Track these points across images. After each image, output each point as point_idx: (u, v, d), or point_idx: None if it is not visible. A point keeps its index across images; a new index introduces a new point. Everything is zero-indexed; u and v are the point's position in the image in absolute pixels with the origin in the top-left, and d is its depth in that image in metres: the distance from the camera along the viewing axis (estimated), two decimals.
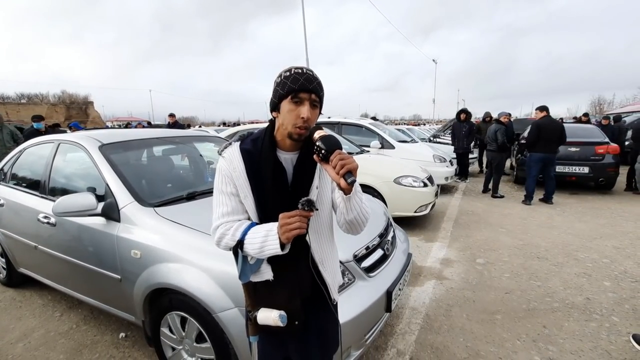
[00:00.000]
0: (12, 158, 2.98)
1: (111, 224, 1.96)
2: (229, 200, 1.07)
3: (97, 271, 2.04)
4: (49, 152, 2.60)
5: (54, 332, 2.41)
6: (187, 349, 1.77)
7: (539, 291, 2.87)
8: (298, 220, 0.94)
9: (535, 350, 2.12)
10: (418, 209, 4.49)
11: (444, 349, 2.16)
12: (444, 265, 3.45)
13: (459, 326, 2.39)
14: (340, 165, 0.88)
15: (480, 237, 4.23)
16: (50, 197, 2.43)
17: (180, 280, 1.64)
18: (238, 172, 1.05)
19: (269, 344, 1.14)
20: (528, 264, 3.43)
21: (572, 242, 4.00)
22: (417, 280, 3.10)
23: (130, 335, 2.34)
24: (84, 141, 2.35)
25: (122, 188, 2.01)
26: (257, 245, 0.99)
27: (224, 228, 1.05)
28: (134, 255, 1.82)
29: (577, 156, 6.52)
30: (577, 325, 2.38)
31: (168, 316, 1.79)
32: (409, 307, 2.64)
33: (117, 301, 2.06)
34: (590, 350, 2.10)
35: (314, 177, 1.06)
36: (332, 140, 0.93)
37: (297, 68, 0.99)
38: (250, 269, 1.07)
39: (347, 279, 1.73)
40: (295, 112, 0.98)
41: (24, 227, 2.54)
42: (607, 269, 3.23)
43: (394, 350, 2.15)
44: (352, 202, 0.99)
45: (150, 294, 1.80)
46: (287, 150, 1.06)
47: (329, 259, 1.15)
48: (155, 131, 3.00)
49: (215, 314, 1.54)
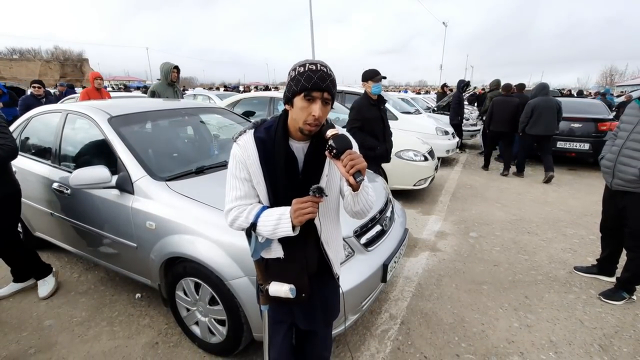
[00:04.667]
0: (20, 125, 3.03)
1: (125, 195, 2.07)
2: (242, 185, 1.16)
3: (114, 239, 2.18)
4: (58, 122, 2.65)
5: (74, 292, 2.61)
6: (200, 310, 1.96)
7: (526, 264, 3.06)
8: (310, 206, 1.04)
9: (515, 318, 2.33)
10: (417, 183, 4.61)
11: (433, 314, 2.37)
12: (438, 237, 3.63)
13: (447, 295, 2.60)
14: (350, 165, 0.95)
15: (476, 211, 4.39)
16: (62, 167, 2.52)
17: (194, 251, 1.78)
18: (252, 160, 1.12)
19: (276, 312, 1.29)
20: (518, 238, 3.61)
21: (563, 219, 4.16)
22: (412, 251, 3.29)
23: (145, 296, 2.54)
24: (92, 113, 2.40)
25: (134, 162, 2.09)
26: (270, 227, 1.09)
27: (238, 211, 1.15)
28: (149, 226, 1.95)
29: (578, 132, 6.52)
30: (557, 296, 2.58)
31: (183, 281, 1.95)
32: (403, 277, 2.84)
33: (133, 266, 2.23)
34: (565, 319, 2.32)
35: (323, 166, 1.14)
36: (345, 140, 1.00)
37: (312, 64, 1.02)
38: (261, 247, 1.19)
39: (347, 253, 1.87)
40: (307, 109, 1.03)
41: (39, 194, 2.65)
42: (593, 246, 3.40)
43: (387, 315, 2.36)
44: (359, 197, 1.08)
45: (165, 262, 1.95)
46: (298, 139, 1.13)
47: (333, 239, 1.27)
48: (162, 102, 3.02)
49: (227, 281, 1.69)
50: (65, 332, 2.17)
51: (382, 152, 3.28)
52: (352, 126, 3.19)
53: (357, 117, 3.18)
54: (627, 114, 2.39)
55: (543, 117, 5.54)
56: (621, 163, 2.33)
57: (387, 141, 3.37)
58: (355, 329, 2.20)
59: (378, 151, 3.24)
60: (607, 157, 2.45)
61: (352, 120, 3.21)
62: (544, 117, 5.54)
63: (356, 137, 3.12)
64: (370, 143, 3.21)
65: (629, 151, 2.28)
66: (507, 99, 6.16)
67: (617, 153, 2.36)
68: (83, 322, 2.26)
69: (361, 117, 3.15)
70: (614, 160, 2.37)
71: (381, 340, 2.12)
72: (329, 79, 1.03)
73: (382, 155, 3.34)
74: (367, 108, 3.17)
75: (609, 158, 2.43)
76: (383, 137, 3.29)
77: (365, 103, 3.19)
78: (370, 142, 3.21)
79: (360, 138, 3.08)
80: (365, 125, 3.19)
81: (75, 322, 2.27)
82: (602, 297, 2.52)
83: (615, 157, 2.36)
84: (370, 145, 3.21)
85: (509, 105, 6.04)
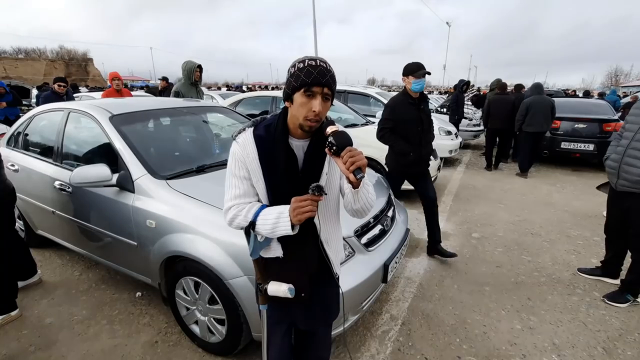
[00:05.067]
0: (22, 124, 3.04)
1: (126, 194, 2.07)
2: (241, 183, 1.15)
3: (115, 237, 2.18)
4: (60, 120, 2.65)
5: (75, 290, 2.61)
6: (200, 309, 1.95)
7: (529, 266, 3.03)
8: (309, 204, 1.02)
9: (517, 320, 2.31)
10: None
11: (434, 315, 2.35)
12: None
13: (449, 296, 2.58)
14: (351, 162, 0.94)
15: (479, 212, 4.36)
16: (64, 165, 2.52)
17: (194, 249, 1.78)
18: (251, 158, 1.11)
19: (276, 312, 1.28)
20: (521, 239, 3.57)
21: (567, 220, 4.12)
22: (414, 252, 3.27)
23: (146, 294, 2.54)
24: (94, 111, 2.40)
25: (135, 160, 2.09)
26: (269, 226, 1.08)
27: (237, 209, 1.14)
28: (149, 224, 1.95)
29: (583, 133, 6.46)
30: (560, 298, 2.55)
31: (182, 280, 1.95)
32: (404, 277, 2.82)
33: (134, 265, 2.23)
34: (568, 322, 2.29)
35: (323, 164, 1.13)
36: (344, 137, 0.99)
37: (311, 60, 1.01)
38: (260, 246, 1.18)
39: (348, 253, 1.86)
40: (307, 105, 1.01)
41: (41, 192, 2.66)
42: (597, 247, 3.37)
43: (388, 315, 2.34)
44: (359, 194, 1.06)
45: (165, 260, 1.95)
46: (298, 137, 1.11)
47: (333, 238, 1.25)
48: (164, 101, 3.02)
49: (226, 281, 1.68)
50: (66, 330, 2.17)
51: (415, 159, 2.83)
52: (383, 126, 2.85)
53: (389, 116, 2.80)
54: (633, 114, 2.35)
55: (537, 115, 5.80)
56: (626, 164, 2.29)
57: (424, 147, 2.88)
58: (355, 330, 2.18)
59: (410, 158, 2.81)
60: (612, 158, 2.42)
61: (384, 120, 2.85)
62: (537, 115, 5.80)
63: (385, 139, 2.86)
64: (401, 147, 2.81)
65: (634, 152, 2.25)
66: (502, 97, 6.48)
67: (622, 154, 2.33)
68: (83, 321, 2.27)
69: (394, 117, 2.78)
70: (619, 161, 2.34)
71: (381, 341, 2.11)
72: (328, 74, 1.01)
73: (415, 163, 2.87)
74: (404, 107, 2.76)
75: (614, 159, 2.40)
76: (419, 142, 2.82)
77: (402, 101, 2.78)
78: (402, 146, 2.81)
79: (390, 141, 2.85)
80: (398, 127, 2.80)
81: (76, 320, 2.27)
82: (606, 299, 2.49)
83: (620, 158, 2.33)
84: (401, 150, 2.82)
85: (505, 103, 6.37)
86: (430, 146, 3.00)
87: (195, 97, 4.35)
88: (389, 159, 3.05)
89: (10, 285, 2.27)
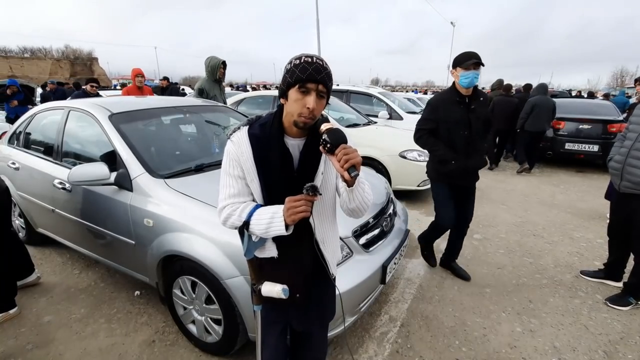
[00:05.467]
0: (24, 122, 3.05)
1: (124, 192, 2.07)
2: (235, 182, 1.13)
3: (113, 236, 2.18)
4: (60, 119, 2.66)
5: (74, 288, 2.62)
6: (197, 309, 1.94)
7: (531, 268, 3.00)
8: (303, 204, 1.01)
9: (518, 322, 2.28)
10: (421, 183, 4.55)
11: (434, 317, 2.33)
12: (441, 239, 3.55)
13: (449, 297, 2.55)
14: (345, 160, 0.92)
15: (481, 213, 4.32)
16: (64, 163, 2.53)
17: (191, 249, 1.77)
18: (245, 157, 1.10)
19: (271, 312, 1.27)
20: (524, 241, 3.54)
21: (570, 221, 4.08)
22: (414, 253, 3.24)
23: (145, 294, 2.54)
24: (94, 110, 2.40)
25: (134, 159, 2.09)
26: (263, 226, 1.07)
27: (231, 209, 1.13)
28: (147, 223, 1.94)
29: (587, 133, 6.41)
30: (562, 301, 2.52)
31: (179, 279, 1.94)
32: (404, 278, 2.80)
33: (132, 263, 2.22)
34: (569, 325, 2.26)
35: (319, 164, 1.11)
36: (338, 134, 0.97)
37: (307, 56, 1.00)
38: (254, 246, 1.17)
39: (346, 253, 1.84)
40: (301, 101, 1.00)
41: (41, 191, 2.67)
42: (600, 249, 3.32)
43: (387, 317, 2.32)
44: (354, 193, 1.04)
45: (162, 259, 1.94)
46: (294, 136, 1.10)
47: (329, 238, 1.24)
48: (164, 100, 3.02)
49: (222, 281, 1.67)
50: (64, 329, 2.17)
51: (458, 169, 2.36)
52: (421, 127, 2.45)
53: (429, 116, 2.40)
54: (636, 114, 2.32)
55: (541, 114, 5.97)
56: (630, 165, 2.26)
57: (471, 157, 2.37)
58: (353, 331, 2.17)
59: (451, 167, 2.37)
60: (616, 159, 2.39)
61: (423, 120, 2.46)
62: (541, 114, 5.97)
63: (422, 142, 2.45)
64: (440, 153, 2.37)
65: (638, 152, 2.22)
66: (507, 98, 6.67)
67: (625, 155, 2.29)
68: (82, 319, 2.27)
69: (435, 117, 2.37)
70: (623, 162, 2.30)
71: (380, 342, 2.09)
72: (324, 71, 1.00)
73: (457, 174, 2.40)
74: (449, 106, 2.32)
75: (618, 160, 2.36)
76: (464, 150, 2.35)
77: (447, 99, 2.34)
78: (442, 152, 2.36)
79: (428, 145, 2.44)
80: (441, 129, 2.37)
81: (74, 318, 2.27)
82: (608, 302, 2.45)
83: (624, 159, 2.30)
84: (440, 157, 2.39)
85: (509, 105, 6.55)
86: (480, 157, 2.46)
87: (218, 94, 4.27)
88: (428, 164, 2.65)
89: (9, 283, 2.27)
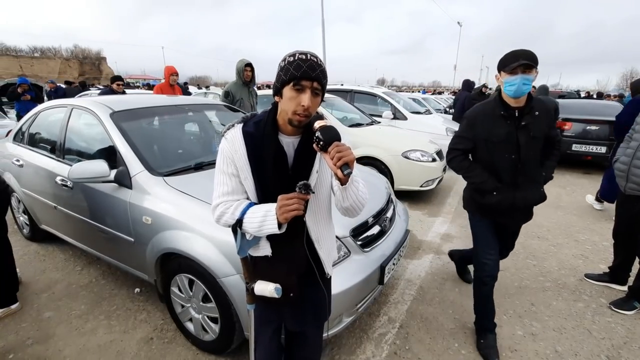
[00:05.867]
0: (28, 120, 3.09)
1: (123, 190, 2.08)
2: (229, 180, 1.13)
3: (113, 233, 2.19)
4: (63, 117, 2.68)
5: (75, 285, 2.64)
6: (194, 307, 1.94)
7: (534, 270, 2.95)
8: (296, 202, 1.00)
9: (519, 326, 2.24)
10: (424, 184, 4.52)
11: (433, 319, 2.30)
12: (444, 240, 3.54)
13: (450, 299, 2.52)
14: (337, 158, 0.90)
15: None
16: (66, 161, 2.55)
17: (188, 247, 1.77)
18: (239, 155, 1.09)
19: (265, 311, 1.26)
20: (527, 243, 3.49)
21: (575, 224, 4.01)
22: (416, 253, 3.22)
23: (144, 291, 2.55)
24: (96, 108, 2.42)
25: (134, 157, 2.10)
26: (255, 224, 1.06)
27: (224, 207, 1.12)
28: (145, 221, 1.95)
29: (594, 135, 6.31)
30: (565, 304, 2.48)
31: (177, 277, 1.94)
32: (405, 279, 2.77)
33: (131, 261, 2.23)
34: (572, 329, 2.22)
35: (314, 162, 1.10)
36: (331, 132, 0.96)
37: (302, 53, 0.99)
38: (248, 245, 1.16)
39: (343, 253, 1.82)
40: (296, 99, 0.99)
41: (43, 188, 2.70)
42: (606, 252, 3.26)
43: (386, 318, 2.30)
44: (348, 191, 1.03)
45: (160, 257, 1.94)
46: (288, 134, 1.09)
47: (325, 237, 1.22)
48: (166, 99, 3.03)
49: (219, 279, 1.67)
50: (64, 325, 2.19)
51: (501, 203, 1.80)
52: (454, 147, 1.91)
53: (465, 133, 1.84)
54: None
55: None
56: (636, 166, 2.21)
57: (522, 187, 1.79)
58: (352, 332, 2.15)
59: (492, 199, 1.80)
60: (621, 160, 2.34)
61: (457, 137, 1.91)
62: None
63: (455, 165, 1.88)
64: (477, 181, 1.82)
65: None
66: None
67: (631, 156, 2.24)
68: (82, 315, 2.28)
69: (473, 135, 1.80)
70: (629, 164, 2.26)
71: (378, 344, 2.07)
72: (319, 68, 0.99)
73: (501, 209, 1.83)
74: (490, 120, 1.74)
75: (623, 161, 2.31)
76: (512, 178, 1.78)
77: (489, 111, 1.76)
78: (479, 179, 1.81)
79: (462, 169, 1.90)
80: (479, 150, 1.81)
81: (74, 314, 2.29)
82: (612, 306, 2.41)
83: (630, 160, 2.25)
84: (478, 186, 1.83)
85: None
86: (536, 189, 1.85)
87: (246, 98, 4.02)
88: (465, 192, 2.14)
89: (11, 279, 2.30)
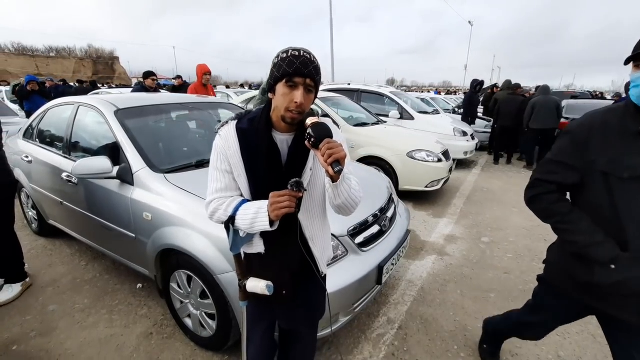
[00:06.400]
0: (37, 117, 3.15)
1: (126, 186, 2.10)
2: (223, 177, 1.13)
3: (115, 229, 2.22)
4: (70, 114, 2.73)
5: (80, 279, 2.69)
6: (192, 303, 1.96)
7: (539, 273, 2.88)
8: (287, 200, 0.99)
9: None
10: (429, 184, 4.47)
11: (433, 321, 2.27)
12: (447, 241, 3.49)
13: (451, 301, 2.49)
14: (328, 155, 0.90)
15: (490, 216, 4.21)
16: (72, 157, 2.60)
17: (186, 243, 1.78)
18: (232, 151, 1.10)
19: (257, 309, 1.26)
20: (534, 245, 3.42)
21: None
22: (418, 254, 3.18)
23: (146, 287, 2.58)
24: (101, 105, 2.46)
25: (136, 154, 2.12)
26: (247, 221, 1.06)
27: (217, 203, 1.13)
28: (146, 217, 1.97)
29: None
30: None
31: (176, 273, 1.96)
32: (406, 280, 2.74)
33: (133, 256, 2.26)
34: (576, 334, 2.16)
35: (307, 159, 1.09)
36: (323, 128, 0.95)
37: (295, 50, 0.99)
38: (241, 242, 1.16)
39: (340, 252, 1.81)
40: (289, 96, 0.99)
41: (51, 183, 2.75)
42: None
43: (385, 319, 2.28)
44: (339, 189, 1.02)
45: (160, 253, 1.96)
46: (282, 131, 1.09)
47: (319, 236, 1.21)
48: (171, 97, 3.06)
49: (216, 275, 1.68)
50: (67, 318, 2.23)
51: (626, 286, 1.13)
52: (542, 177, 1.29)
53: (566, 158, 1.22)
54: None
55: (541, 113, 6.33)
56: None
57: None
58: (350, 331, 2.14)
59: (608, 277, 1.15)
60: None
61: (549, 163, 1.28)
62: (541, 113, 6.33)
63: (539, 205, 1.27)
64: (586, 242, 1.18)
65: None
66: (512, 97, 7.05)
67: None
68: (84, 309, 2.32)
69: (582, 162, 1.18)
70: None
71: (376, 344, 2.05)
72: (312, 65, 0.98)
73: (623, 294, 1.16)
74: (617, 139, 1.12)
75: None
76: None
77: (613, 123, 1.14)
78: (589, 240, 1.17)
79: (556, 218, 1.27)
80: (591, 187, 1.18)
81: (77, 308, 2.33)
82: None
83: None
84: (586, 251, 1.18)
85: (514, 103, 6.93)
86: None
87: None
88: (551, 252, 1.51)
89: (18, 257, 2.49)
